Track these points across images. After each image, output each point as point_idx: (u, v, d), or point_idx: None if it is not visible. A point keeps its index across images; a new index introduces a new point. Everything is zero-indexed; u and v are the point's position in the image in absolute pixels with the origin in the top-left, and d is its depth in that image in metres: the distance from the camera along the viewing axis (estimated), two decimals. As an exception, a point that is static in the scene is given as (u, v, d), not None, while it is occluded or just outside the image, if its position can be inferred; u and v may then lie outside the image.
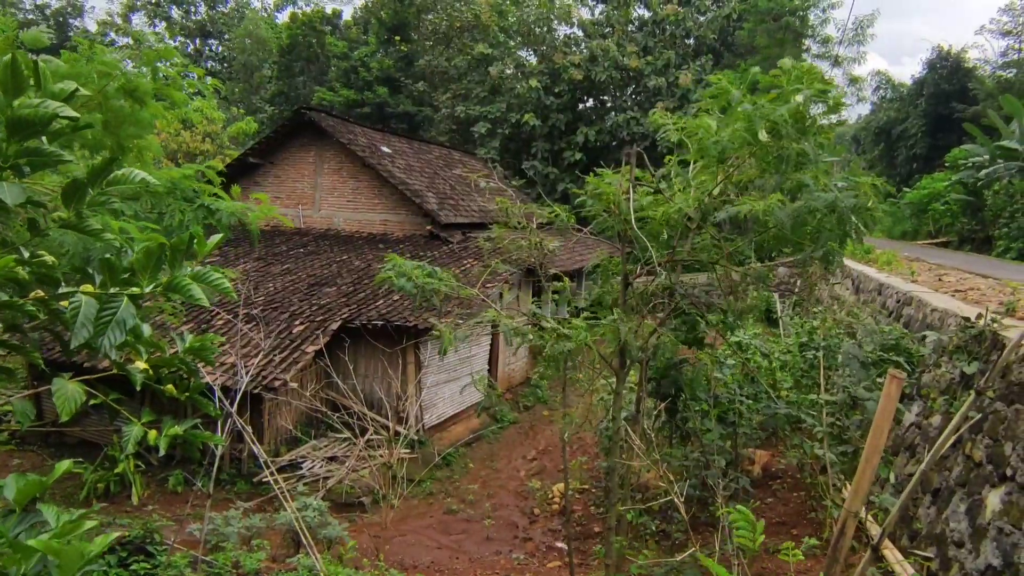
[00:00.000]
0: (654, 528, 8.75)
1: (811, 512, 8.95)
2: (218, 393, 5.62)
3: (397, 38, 38.30)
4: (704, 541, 7.93)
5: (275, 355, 11.78)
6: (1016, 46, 36.87)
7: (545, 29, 31.94)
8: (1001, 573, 5.45)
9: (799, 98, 4.96)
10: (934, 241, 30.09)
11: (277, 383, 11.12)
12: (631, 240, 6.44)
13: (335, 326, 12.56)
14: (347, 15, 45.85)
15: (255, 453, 5.91)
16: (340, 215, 18.48)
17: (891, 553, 7.01)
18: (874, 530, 7.66)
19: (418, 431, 12.35)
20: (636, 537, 8.72)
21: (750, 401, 8.30)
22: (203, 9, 53.82)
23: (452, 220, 17.48)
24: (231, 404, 5.74)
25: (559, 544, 9.74)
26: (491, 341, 15.62)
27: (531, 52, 33.32)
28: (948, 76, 38.68)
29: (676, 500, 3.69)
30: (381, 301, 13.13)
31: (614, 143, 30.02)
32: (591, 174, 6.63)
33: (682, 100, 28.94)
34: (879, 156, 46.33)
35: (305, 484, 10.52)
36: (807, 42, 30.93)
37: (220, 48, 53.57)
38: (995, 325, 7.13)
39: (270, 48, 44.73)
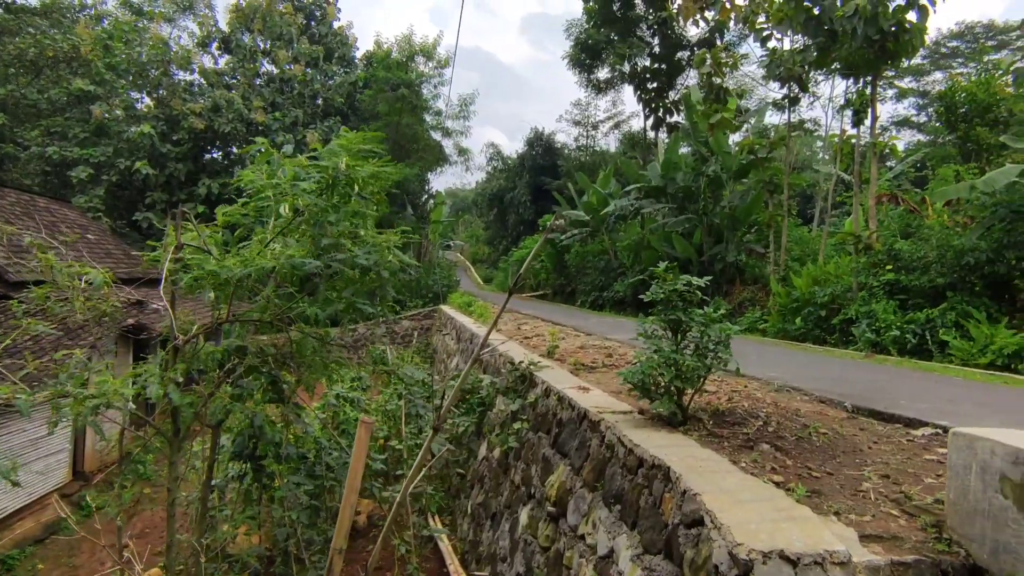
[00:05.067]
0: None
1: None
2: None
3: (-34, 60, 32.14)
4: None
5: None
6: (584, 133, 45.41)
7: (161, 72, 29.77)
8: (524, 578, 6.47)
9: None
10: (535, 294, 34.94)
11: None
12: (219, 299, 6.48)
13: None
14: None
15: None
16: None
17: (458, 578, 7.83)
18: (448, 559, 8.48)
19: (-37, 534, 10.20)
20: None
21: (337, 453, 8.59)
22: None
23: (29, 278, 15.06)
24: None
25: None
26: (77, 415, 13.66)
27: (144, 95, 30.71)
28: (543, 153, 45.89)
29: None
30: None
31: (241, 197, 28.98)
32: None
33: (312, 159, 29.24)
34: (494, 219, 52.43)
35: None
36: (423, 113, 33.87)
37: None
38: (532, 367, 8.54)
39: None
